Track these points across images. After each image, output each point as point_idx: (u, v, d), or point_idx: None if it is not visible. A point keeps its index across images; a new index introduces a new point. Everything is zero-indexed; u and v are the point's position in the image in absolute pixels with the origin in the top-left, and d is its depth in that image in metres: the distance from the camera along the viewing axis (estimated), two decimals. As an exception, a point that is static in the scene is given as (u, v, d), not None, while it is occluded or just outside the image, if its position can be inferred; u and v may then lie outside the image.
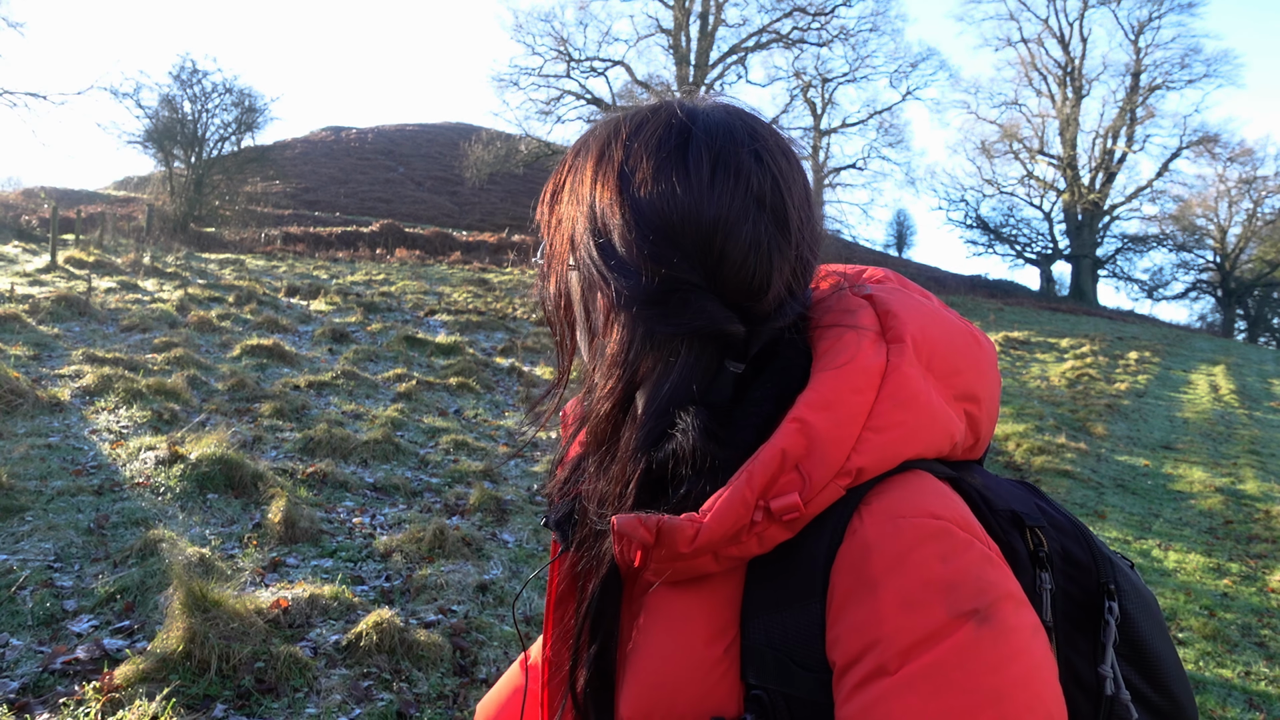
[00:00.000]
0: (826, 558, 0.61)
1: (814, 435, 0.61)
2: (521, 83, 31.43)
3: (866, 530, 0.60)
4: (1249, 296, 41.58)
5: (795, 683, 0.61)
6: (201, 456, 4.55)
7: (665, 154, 0.68)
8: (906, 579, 0.58)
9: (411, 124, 50.04)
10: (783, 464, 0.61)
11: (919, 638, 0.56)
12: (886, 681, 0.56)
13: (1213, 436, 10.25)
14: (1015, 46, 40.67)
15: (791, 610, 0.62)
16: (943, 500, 0.62)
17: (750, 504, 0.60)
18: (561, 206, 0.75)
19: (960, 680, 0.55)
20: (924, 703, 0.54)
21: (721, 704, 0.63)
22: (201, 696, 2.67)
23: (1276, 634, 4.43)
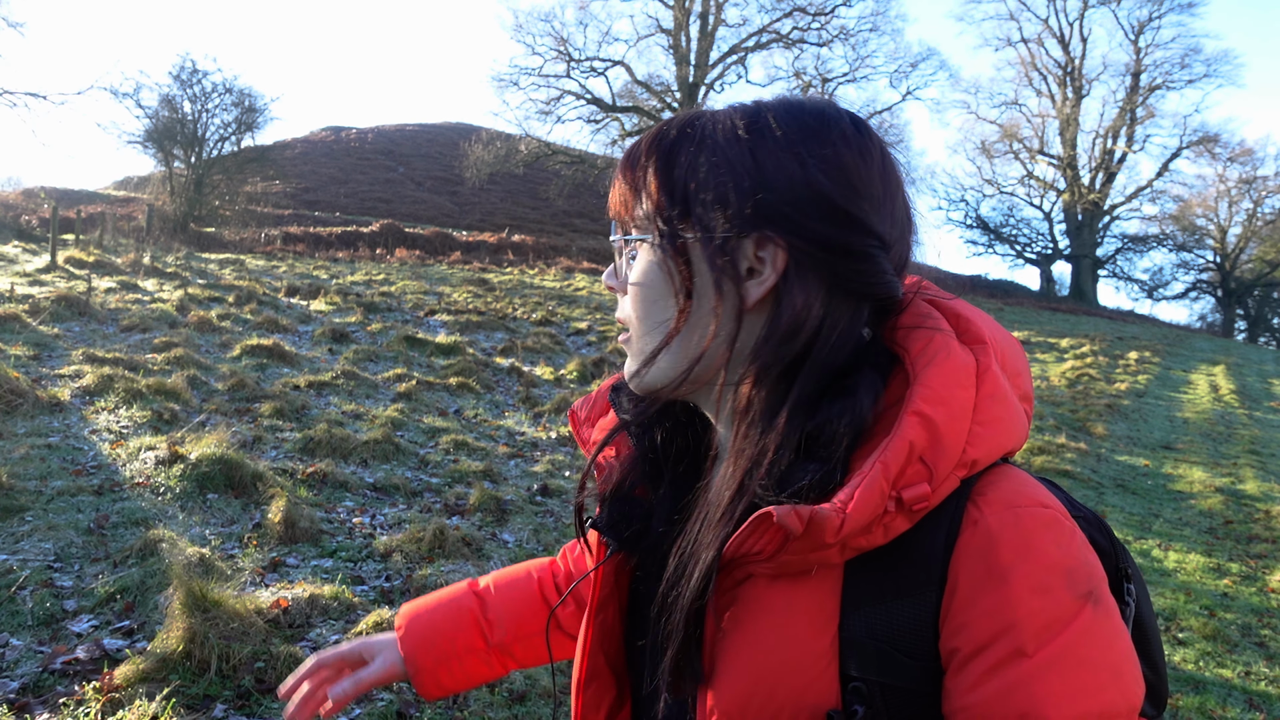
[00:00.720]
0: (945, 548, 0.64)
1: (934, 428, 0.63)
2: (521, 83, 31.46)
3: (988, 520, 0.63)
4: (1249, 296, 41.58)
5: (898, 672, 0.63)
6: (201, 456, 4.55)
7: (846, 131, 0.71)
8: (1033, 566, 0.61)
9: (411, 124, 50.04)
10: (910, 455, 0.63)
11: (1050, 620, 0.60)
12: (1027, 664, 0.59)
13: (1213, 436, 10.25)
14: (1015, 46, 40.72)
15: (902, 600, 0.64)
16: (1043, 490, 0.67)
17: (886, 494, 0.62)
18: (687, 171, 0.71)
19: (1089, 658, 0.60)
20: (1063, 681, 0.59)
21: (823, 696, 0.64)
22: (201, 696, 2.67)
23: (1276, 634, 4.43)
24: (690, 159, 0.71)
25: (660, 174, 0.72)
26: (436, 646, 1.05)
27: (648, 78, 33.01)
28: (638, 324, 0.75)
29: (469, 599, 1.08)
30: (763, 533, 0.64)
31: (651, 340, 0.73)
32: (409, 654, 1.04)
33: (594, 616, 0.82)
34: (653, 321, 0.74)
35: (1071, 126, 39.20)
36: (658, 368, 0.73)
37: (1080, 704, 0.59)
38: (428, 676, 1.05)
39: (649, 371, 0.74)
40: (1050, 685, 0.59)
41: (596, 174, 31.23)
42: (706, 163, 0.70)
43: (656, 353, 0.73)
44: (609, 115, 31.89)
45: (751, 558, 0.66)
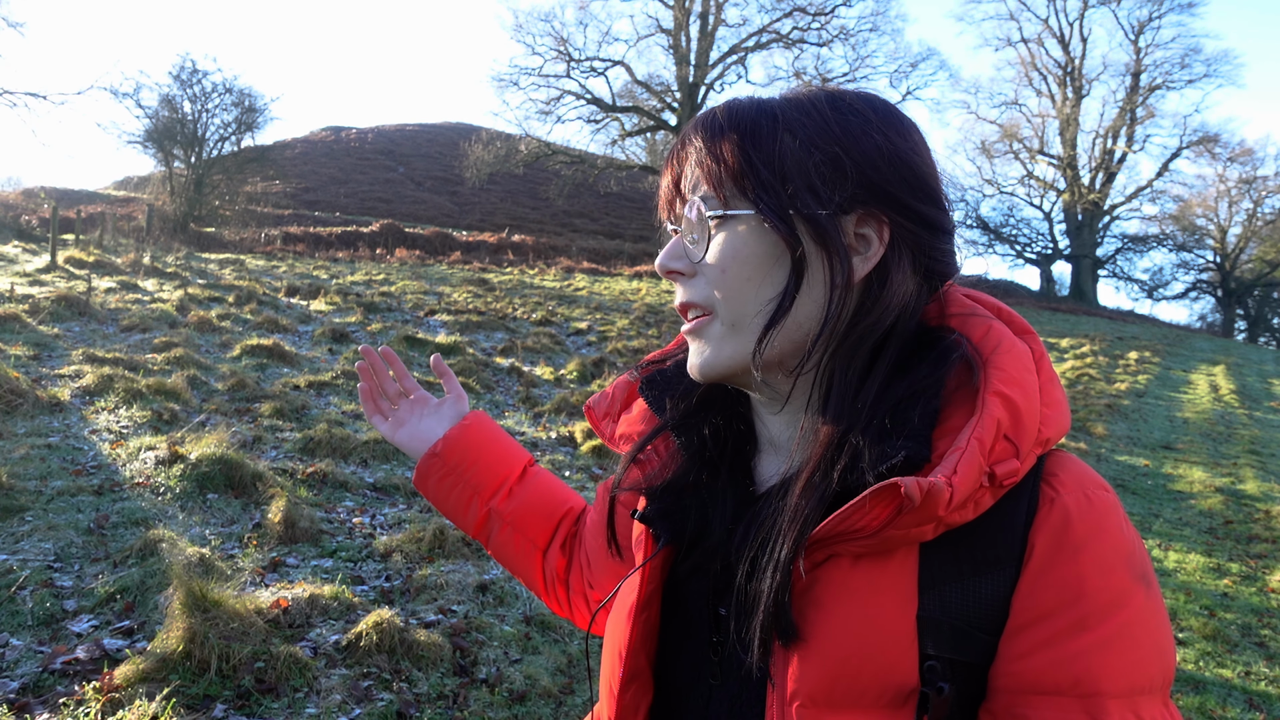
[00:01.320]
0: (1025, 524, 0.66)
1: (1015, 408, 0.66)
2: (521, 83, 31.43)
3: (1065, 499, 0.66)
4: (1249, 296, 41.58)
5: (970, 648, 0.66)
6: (201, 456, 4.55)
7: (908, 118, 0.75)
8: (1102, 545, 0.65)
9: (411, 124, 50.04)
10: (998, 433, 0.65)
11: (1113, 598, 0.63)
12: (1088, 637, 0.63)
13: (1213, 436, 10.25)
14: (1015, 46, 40.74)
15: (981, 577, 0.66)
16: (1095, 473, 0.70)
17: (983, 469, 0.64)
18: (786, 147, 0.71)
19: (1141, 636, 0.63)
20: (1119, 657, 0.62)
21: (906, 675, 0.65)
22: (201, 696, 2.67)
23: (1277, 634, 4.43)
24: (781, 136, 0.71)
25: (751, 147, 0.71)
26: (468, 454, 1.08)
27: (648, 78, 33.01)
28: (729, 306, 0.72)
29: (519, 461, 1.11)
30: (876, 507, 0.63)
31: (756, 322, 0.71)
32: (450, 435, 1.08)
33: (638, 615, 0.80)
34: (752, 302, 0.72)
35: (1071, 126, 39.19)
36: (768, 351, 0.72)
37: (1131, 678, 0.62)
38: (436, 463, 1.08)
39: (761, 351, 0.71)
40: (1108, 659, 0.62)
41: (596, 174, 31.22)
42: (802, 140, 0.71)
43: (767, 332, 0.71)
44: (609, 115, 31.88)
45: (849, 535, 0.65)
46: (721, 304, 0.73)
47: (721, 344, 0.73)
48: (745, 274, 0.71)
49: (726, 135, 0.72)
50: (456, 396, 1.14)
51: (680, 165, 0.76)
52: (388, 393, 1.14)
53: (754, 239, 0.71)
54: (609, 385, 0.92)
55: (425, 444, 1.09)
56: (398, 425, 1.12)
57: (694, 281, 0.75)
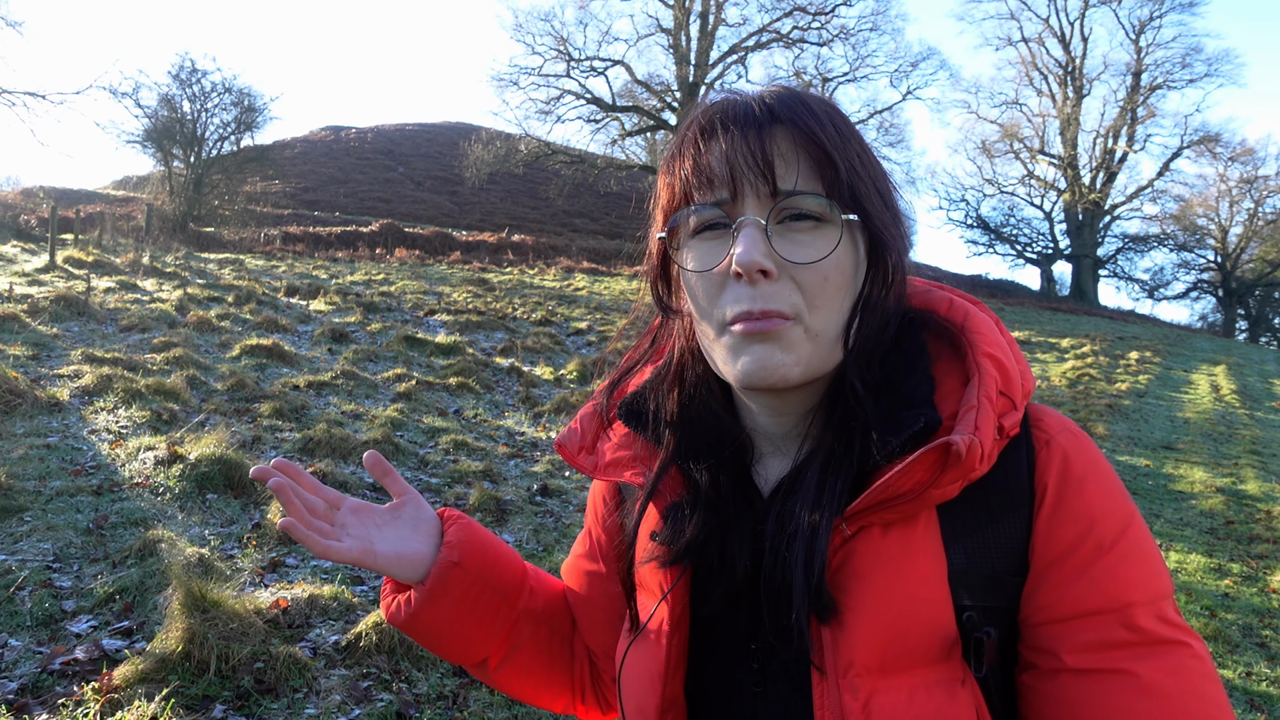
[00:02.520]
0: (1029, 468, 0.72)
1: (1003, 368, 0.72)
2: (521, 82, 31.41)
3: (1059, 440, 0.73)
4: (1250, 296, 41.56)
5: (999, 593, 0.71)
6: (201, 456, 4.54)
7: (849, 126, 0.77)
8: (1101, 475, 0.72)
9: (411, 124, 50.03)
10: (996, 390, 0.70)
11: (1120, 518, 0.70)
12: (1108, 556, 0.69)
13: (1214, 437, 10.24)
14: (1016, 46, 40.69)
15: (999, 522, 0.71)
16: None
17: (995, 424, 0.68)
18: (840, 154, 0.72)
19: (1147, 548, 0.70)
20: (1136, 567, 0.69)
21: (949, 627, 0.69)
22: (201, 697, 2.66)
23: (1278, 635, 4.42)
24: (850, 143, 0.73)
25: (861, 154, 0.73)
26: (485, 556, 0.91)
27: (648, 77, 33.00)
28: (826, 311, 0.71)
29: (513, 551, 0.98)
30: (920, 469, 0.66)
31: (840, 326, 0.73)
32: (456, 541, 0.89)
33: (671, 639, 0.78)
34: (842, 310, 0.73)
35: (1072, 126, 39.18)
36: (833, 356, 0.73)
37: (1151, 585, 0.69)
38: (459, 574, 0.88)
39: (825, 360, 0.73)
40: (1129, 571, 0.68)
41: (596, 174, 31.21)
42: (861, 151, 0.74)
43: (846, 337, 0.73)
44: (609, 115, 31.87)
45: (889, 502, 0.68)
46: (812, 313, 0.71)
47: (805, 352, 0.71)
48: (842, 284, 0.72)
49: (834, 132, 0.72)
50: (411, 497, 0.91)
51: (765, 144, 0.70)
52: (316, 510, 0.86)
53: (852, 249, 0.73)
54: (574, 420, 0.90)
55: (416, 558, 0.88)
56: (365, 543, 0.86)
57: (778, 286, 0.70)
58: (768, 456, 0.81)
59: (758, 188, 0.70)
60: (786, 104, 0.72)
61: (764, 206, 0.71)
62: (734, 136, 0.71)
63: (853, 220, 0.71)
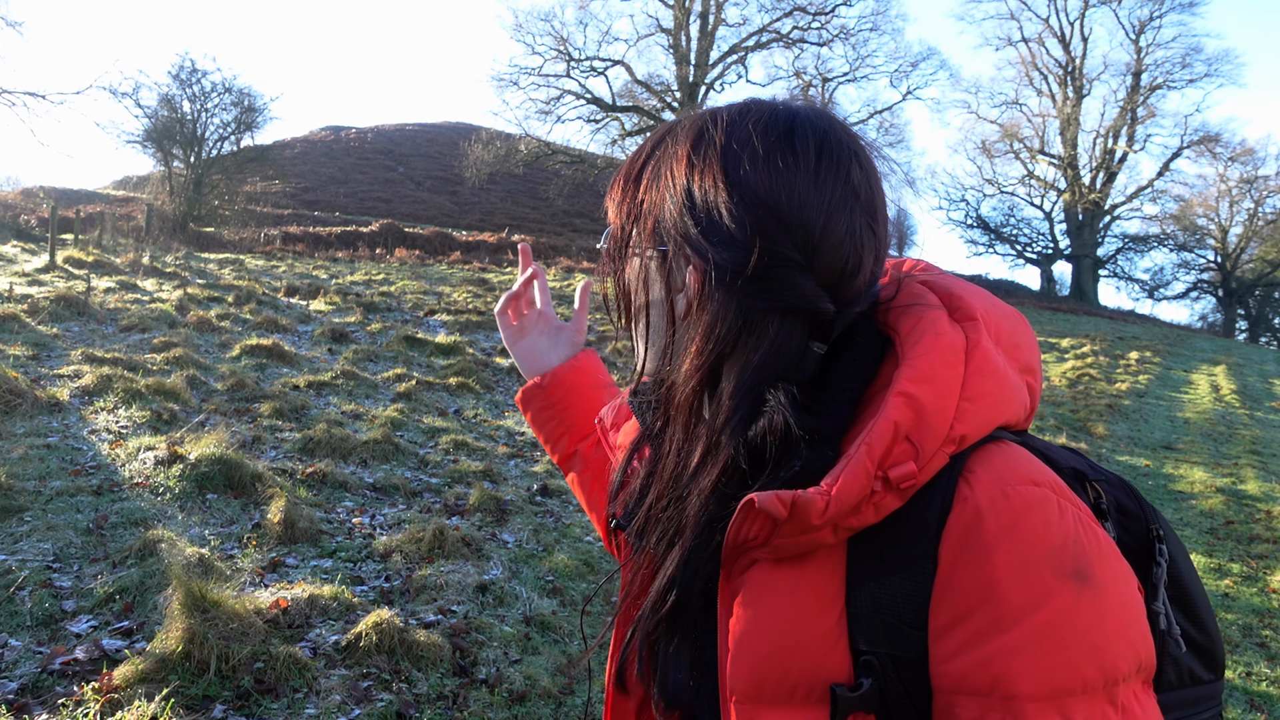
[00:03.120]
0: (938, 523, 0.65)
1: (920, 407, 0.65)
2: (521, 82, 31.43)
3: (977, 497, 0.64)
4: (1250, 296, 41.57)
5: (904, 644, 0.65)
6: (201, 457, 4.54)
7: (774, 138, 0.71)
8: (1016, 544, 0.62)
9: (411, 124, 50.03)
10: (895, 435, 0.64)
11: (1030, 598, 0.61)
12: (1004, 639, 0.61)
13: (1214, 437, 10.24)
14: (1016, 46, 40.72)
15: (903, 574, 0.66)
16: (1037, 467, 0.67)
17: (871, 474, 0.64)
18: (643, 192, 0.77)
19: (1067, 637, 0.60)
20: (1037, 659, 0.60)
21: (834, 670, 0.66)
22: (201, 697, 2.66)
23: (1278, 634, 4.42)
24: (651, 180, 0.77)
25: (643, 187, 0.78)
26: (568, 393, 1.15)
27: (648, 77, 33.02)
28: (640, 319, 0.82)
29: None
30: (752, 520, 0.66)
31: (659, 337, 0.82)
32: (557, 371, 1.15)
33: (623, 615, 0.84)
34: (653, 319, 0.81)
35: (1072, 126, 39.19)
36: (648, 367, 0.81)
37: (1052, 680, 0.60)
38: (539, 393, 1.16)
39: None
40: (1024, 661, 0.60)
41: (596, 174, 31.21)
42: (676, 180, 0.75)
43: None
44: (609, 115, 31.87)
45: (750, 544, 0.68)
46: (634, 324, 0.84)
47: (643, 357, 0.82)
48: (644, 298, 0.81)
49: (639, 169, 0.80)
50: (577, 329, 1.18)
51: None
52: (526, 298, 1.20)
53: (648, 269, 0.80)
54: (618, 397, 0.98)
55: (536, 363, 1.16)
56: (519, 334, 1.18)
57: None
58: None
59: None
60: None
61: None
62: None
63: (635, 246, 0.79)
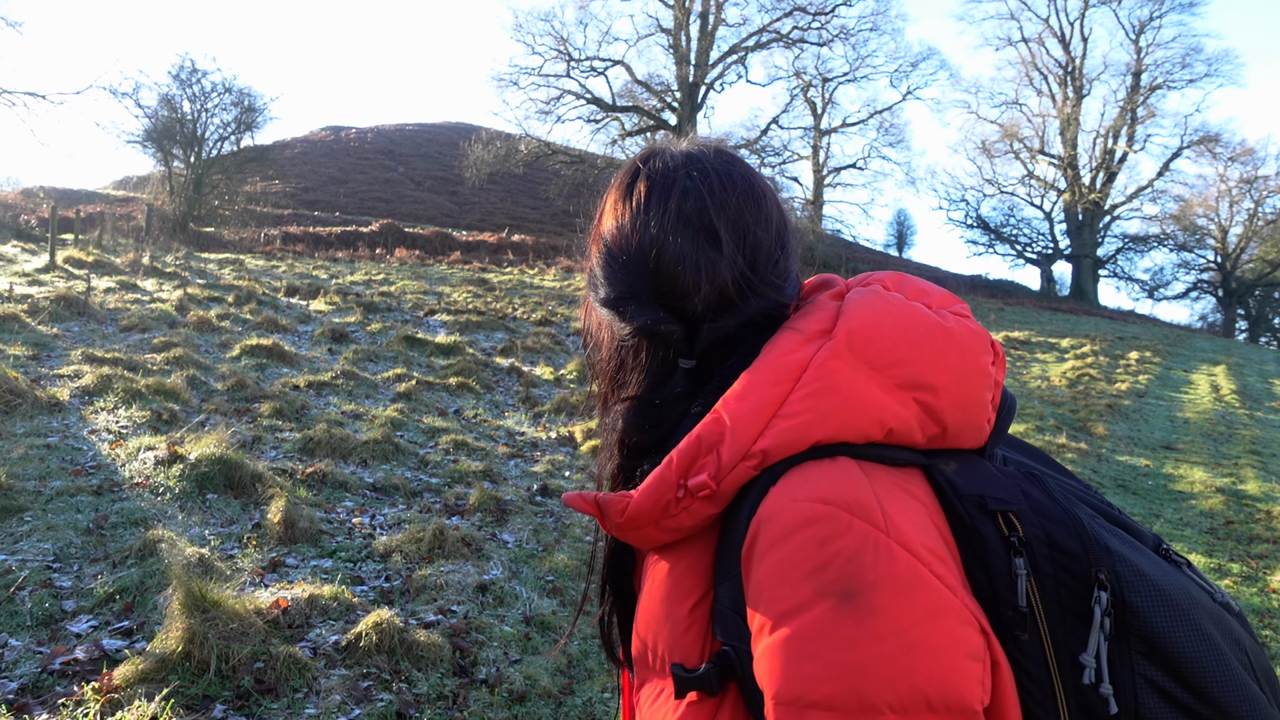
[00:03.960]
0: (744, 532, 0.70)
1: (723, 424, 0.71)
2: (521, 82, 31.41)
3: (766, 508, 0.68)
4: (1250, 296, 41.56)
5: (747, 638, 0.69)
6: (201, 457, 4.54)
7: (620, 191, 0.86)
8: (781, 556, 0.65)
9: (411, 124, 50.01)
10: (699, 448, 0.71)
11: (786, 609, 0.64)
12: (764, 642, 0.65)
13: (1214, 437, 10.24)
14: (1016, 46, 40.70)
15: (730, 578, 0.71)
16: (840, 485, 0.67)
17: (672, 482, 0.71)
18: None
19: (817, 652, 0.62)
20: (785, 666, 0.63)
21: (685, 654, 0.72)
22: (201, 697, 2.66)
23: (1278, 634, 4.42)
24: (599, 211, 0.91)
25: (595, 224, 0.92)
26: None
27: (648, 77, 33.00)
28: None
29: None
30: (584, 511, 0.78)
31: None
32: None
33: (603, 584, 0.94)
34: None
35: (1072, 126, 39.17)
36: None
37: (795, 690, 0.62)
38: None
39: None
40: (774, 665, 0.64)
41: (596, 174, 31.19)
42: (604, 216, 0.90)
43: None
44: (609, 115, 31.86)
45: (614, 532, 0.78)
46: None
47: None
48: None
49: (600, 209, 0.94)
50: None
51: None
52: None
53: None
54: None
55: None
56: None
57: None
58: None
59: None
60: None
61: None
62: None
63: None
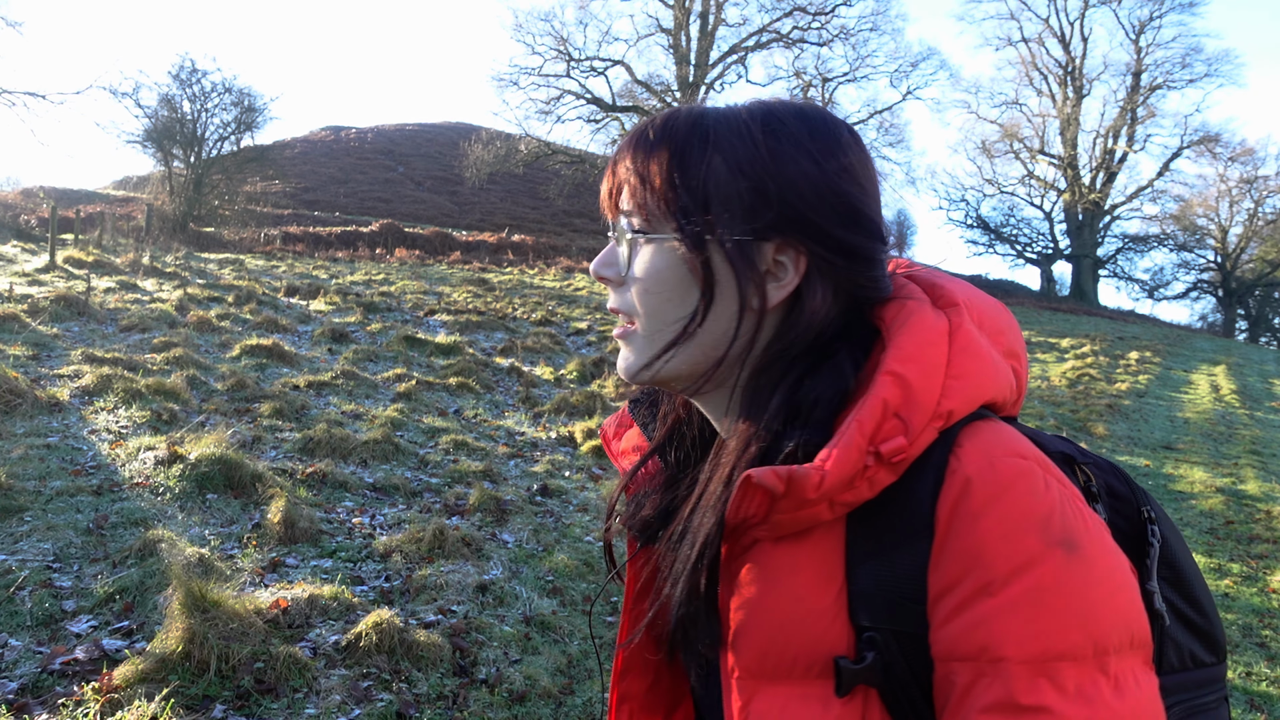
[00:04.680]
0: (932, 496, 0.67)
1: (907, 385, 0.68)
2: (521, 82, 31.42)
3: (966, 468, 0.66)
4: (1250, 296, 41.56)
5: (906, 619, 0.66)
6: (201, 457, 4.54)
7: (847, 136, 0.77)
8: (1004, 511, 0.64)
9: (411, 124, 50.01)
10: (885, 412, 0.67)
11: (1018, 564, 0.62)
12: (990, 602, 0.62)
13: (1213, 437, 10.24)
14: (1016, 46, 40.69)
15: (900, 549, 0.67)
16: (1023, 442, 0.69)
17: (863, 450, 0.66)
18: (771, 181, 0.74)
19: (1053, 602, 0.62)
20: (1024, 623, 0.61)
21: (834, 645, 0.68)
22: (201, 697, 2.66)
23: (1277, 634, 4.42)
24: (707, 157, 0.73)
25: (677, 169, 0.73)
26: None
27: (648, 77, 33.01)
28: (647, 320, 0.77)
29: None
30: (750, 496, 0.68)
31: (664, 336, 0.76)
32: None
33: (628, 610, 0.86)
34: (667, 318, 0.75)
35: (1072, 126, 39.17)
36: (673, 364, 0.76)
37: (1039, 644, 0.61)
38: None
39: (663, 367, 0.76)
40: (1010, 624, 0.62)
41: (596, 174, 31.18)
42: (726, 163, 0.72)
43: (669, 348, 0.75)
44: (609, 115, 31.87)
45: (750, 523, 0.70)
46: (642, 317, 0.77)
47: (640, 354, 0.78)
48: (665, 293, 0.75)
49: (656, 153, 0.74)
50: None
51: (615, 177, 0.78)
52: None
53: (674, 260, 0.74)
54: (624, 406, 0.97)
55: None
56: None
57: (622, 290, 0.79)
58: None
59: (615, 204, 0.78)
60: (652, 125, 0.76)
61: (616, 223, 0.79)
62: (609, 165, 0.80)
63: (669, 236, 0.74)
